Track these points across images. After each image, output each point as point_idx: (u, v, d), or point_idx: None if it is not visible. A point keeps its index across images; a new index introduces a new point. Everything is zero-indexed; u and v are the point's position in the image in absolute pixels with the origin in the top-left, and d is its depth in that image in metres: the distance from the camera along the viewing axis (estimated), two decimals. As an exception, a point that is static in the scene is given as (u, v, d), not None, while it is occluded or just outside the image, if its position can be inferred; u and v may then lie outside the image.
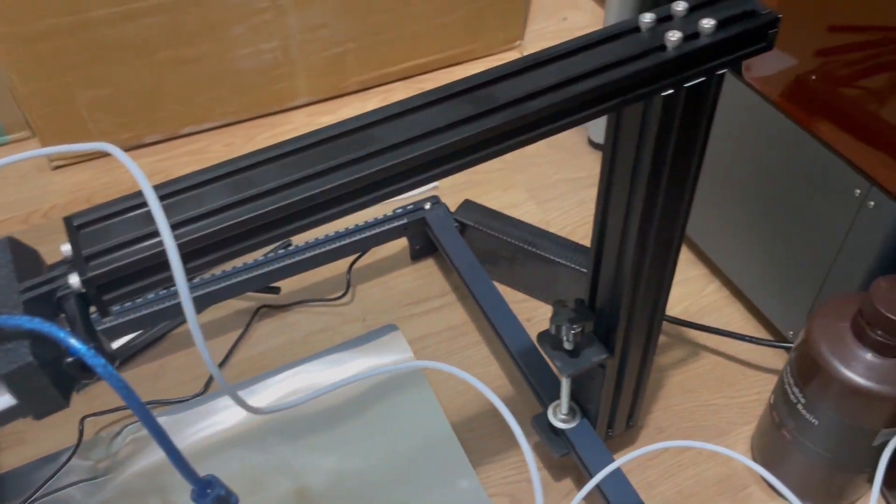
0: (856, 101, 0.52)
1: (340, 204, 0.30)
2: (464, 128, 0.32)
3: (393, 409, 0.65)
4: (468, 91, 0.33)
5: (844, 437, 0.51)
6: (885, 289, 0.48)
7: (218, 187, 0.29)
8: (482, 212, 0.73)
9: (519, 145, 0.34)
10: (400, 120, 0.32)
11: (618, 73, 0.34)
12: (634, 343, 0.51)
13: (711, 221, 0.72)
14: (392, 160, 0.31)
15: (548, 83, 0.34)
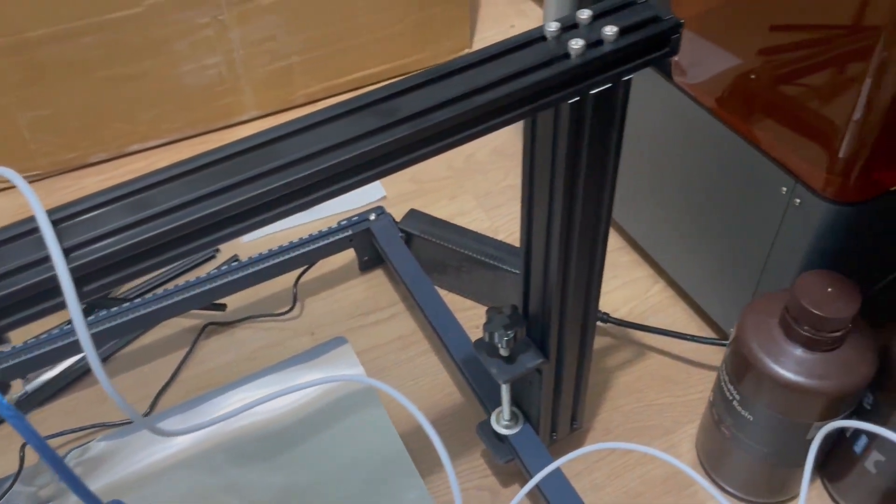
0: (778, 102, 0.53)
1: (242, 220, 0.30)
2: (366, 141, 0.32)
3: (342, 422, 0.65)
4: (372, 104, 0.34)
5: (779, 432, 0.52)
6: (808, 284, 0.49)
7: (117, 208, 0.29)
8: (427, 221, 0.74)
9: (425, 157, 0.34)
10: (304, 135, 0.32)
11: (522, 82, 0.35)
12: (569, 346, 0.52)
13: (654, 223, 0.72)
14: (294, 175, 0.31)
15: (452, 94, 0.34)
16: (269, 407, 0.65)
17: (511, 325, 0.50)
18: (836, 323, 0.47)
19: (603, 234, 0.45)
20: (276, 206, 0.31)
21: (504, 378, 0.51)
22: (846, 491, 0.58)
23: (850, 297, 0.48)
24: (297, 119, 0.33)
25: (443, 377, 0.69)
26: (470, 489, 0.61)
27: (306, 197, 0.32)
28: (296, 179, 0.31)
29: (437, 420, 0.66)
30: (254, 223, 0.31)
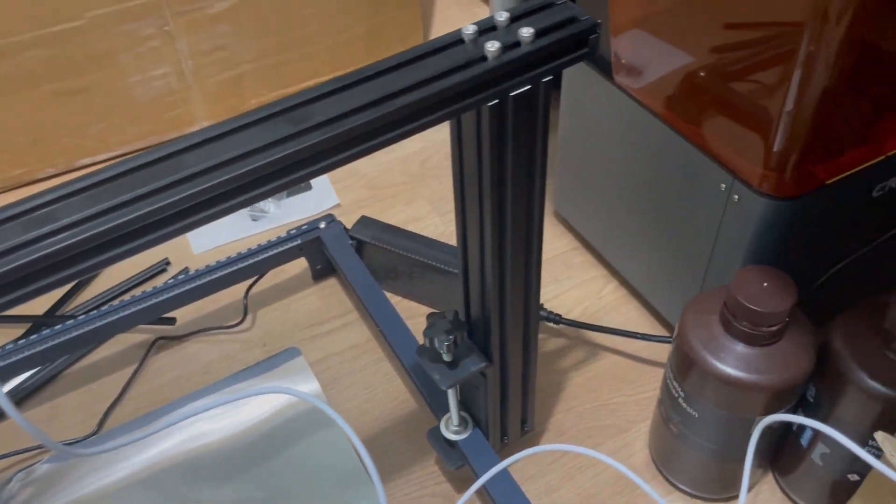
0: (714, 99, 0.54)
1: (147, 234, 0.30)
2: (277, 149, 0.32)
3: (294, 433, 0.65)
4: (284, 112, 0.33)
5: (724, 427, 0.52)
6: (745, 280, 0.49)
7: (13, 226, 0.29)
8: (378, 227, 0.73)
9: (341, 163, 0.34)
10: (212, 145, 0.32)
11: (437, 86, 0.34)
12: (512, 348, 0.51)
13: (605, 224, 0.73)
14: (198, 186, 0.30)
15: (367, 99, 0.34)
16: (223, 425, 0.64)
17: (452, 329, 0.49)
18: (772, 317, 0.48)
19: (537, 234, 0.45)
20: (181, 219, 0.31)
21: (447, 383, 0.50)
22: (796, 484, 0.58)
23: (785, 292, 0.48)
24: (204, 129, 0.32)
25: (396, 384, 0.69)
26: (424, 496, 0.61)
27: (214, 208, 0.31)
28: (200, 191, 0.30)
29: (391, 427, 0.65)
30: (158, 236, 0.30)
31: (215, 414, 0.65)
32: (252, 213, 0.83)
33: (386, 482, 0.62)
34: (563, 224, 0.81)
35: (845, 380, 0.49)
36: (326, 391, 0.68)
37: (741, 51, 0.50)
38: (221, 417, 0.65)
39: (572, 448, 0.48)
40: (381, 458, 0.63)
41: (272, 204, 0.83)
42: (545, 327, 0.72)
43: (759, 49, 0.49)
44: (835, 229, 0.57)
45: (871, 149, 0.54)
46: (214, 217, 0.31)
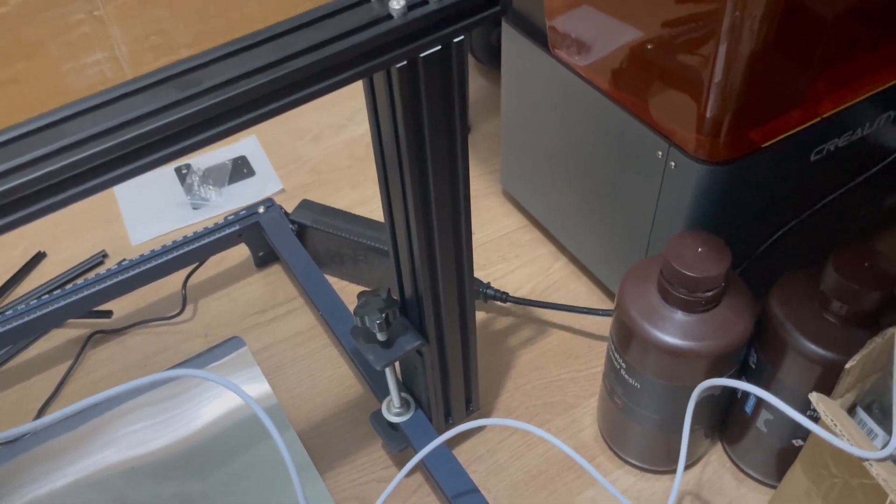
0: (646, 68, 0.53)
1: (17, 210, 0.28)
2: (163, 115, 0.30)
3: (235, 425, 0.63)
4: (175, 77, 0.31)
5: (666, 398, 0.52)
6: (680, 246, 0.48)
7: None
8: (320, 210, 0.71)
9: (237, 128, 0.32)
10: (95, 112, 0.30)
11: (339, 46, 0.33)
12: (449, 326, 0.50)
13: (551, 200, 0.72)
14: (78, 155, 0.28)
15: (262, 62, 0.32)
16: (170, 428, 0.62)
17: (384, 307, 0.48)
18: (707, 282, 0.47)
19: (464, 206, 0.44)
20: (62, 190, 0.29)
21: (381, 363, 0.49)
22: (744, 453, 0.58)
23: (720, 256, 0.47)
24: (87, 97, 0.30)
25: (342, 370, 0.67)
26: (371, 481, 0.60)
27: (97, 178, 0.29)
28: (81, 159, 0.28)
29: (337, 413, 0.64)
30: (32, 212, 0.28)
31: (160, 414, 0.63)
32: (193, 201, 0.80)
33: (332, 468, 0.60)
34: (511, 202, 0.80)
35: (785, 344, 0.48)
36: (271, 379, 0.66)
37: (672, 20, 0.49)
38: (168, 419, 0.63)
39: (510, 423, 0.47)
40: (327, 444, 0.62)
41: (213, 192, 0.81)
42: (493, 306, 0.71)
43: (689, 18, 0.48)
44: (774, 194, 0.57)
45: (806, 111, 0.54)
46: (99, 188, 0.30)
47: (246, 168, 0.84)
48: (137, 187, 0.83)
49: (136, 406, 0.63)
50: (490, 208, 0.80)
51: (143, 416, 0.62)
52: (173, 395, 0.64)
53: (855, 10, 0.50)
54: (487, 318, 0.70)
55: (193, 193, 0.81)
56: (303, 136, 0.89)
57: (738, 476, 0.59)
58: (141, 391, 0.65)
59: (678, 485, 0.47)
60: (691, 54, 0.48)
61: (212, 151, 0.86)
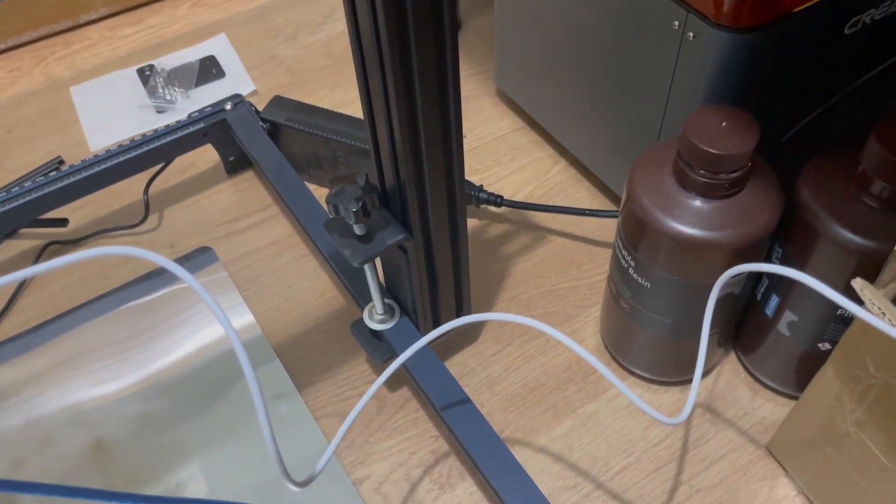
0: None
1: None
2: None
3: (206, 338, 0.57)
4: None
5: (680, 298, 0.46)
6: (701, 121, 0.42)
7: None
8: (294, 107, 0.65)
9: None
10: None
11: None
12: (437, 220, 0.44)
13: (551, 98, 0.65)
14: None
15: None
16: (135, 358, 0.57)
17: (361, 195, 0.42)
18: (733, 161, 0.41)
19: (452, 79, 0.37)
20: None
21: (359, 259, 0.43)
22: (761, 360, 0.53)
23: (746, 131, 0.41)
24: None
25: (322, 281, 0.61)
26: (353, 396, 0.55)
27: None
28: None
29: (317, 326, 0.58)
30: None
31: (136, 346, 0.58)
32: (156, 104, 0.73)
33: (312, 384, 0.55)
34: (506, 102, 0.73)
35: (815, 233, 0.43)
36: (244, 292, 0.60)
37: None
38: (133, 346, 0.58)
39: (505, 317, 0.42)
40: (307, 359, 0.57)
41: (179, 94, 0.74)
42: (486, 212, 0.65)
43: None
44: (803, 71, 0.50)
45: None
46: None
47: (215, 69, 0.76)
48: (96, 90, 0.75)
49: (102, 336, 0.58)
50: (483, 109, 0.73)
51: (109, 354, 0.57)
52: (143, 329, 0.59)
53: None
54: (480, 224, 0.64)
55: (157, 96, 0.74)
56: (276, 35, 0.81)
57: (754, 386, 0.54)
58: (105, 308, 0.60)
59: (695, 394, 0.42)
60: None
61: (178, 51, 0.78)
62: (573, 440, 0.52)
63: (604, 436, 0.52)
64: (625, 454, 0.51)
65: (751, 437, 0.51)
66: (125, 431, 0.53)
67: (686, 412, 0.40)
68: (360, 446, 0.52)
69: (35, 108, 0.75)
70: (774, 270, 0.38)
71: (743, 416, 0.52)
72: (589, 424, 0.52)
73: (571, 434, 0.52)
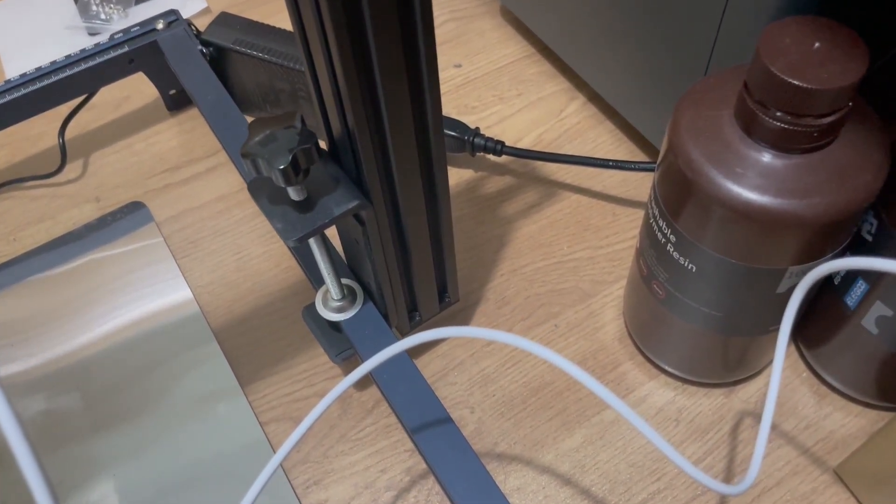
0: None
1: None
2: None
3: (132, 313, 0.46)
4: None
5: (737, 287, 0.34)
6: (780, 38, 0.29)
7: None
8: (245, 27, 0.51)
9: None
10: None
11: None
12: (405, 180, 0.32)
13: (567, 16, 0.51)
14: None
15: None
16: (42, 342, 0.46)
17: (295, 145, 0.30)
18: (828, 98, 0.28)
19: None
20: None
21: (293, 236, 0.31)
22: (833, 359, 0.41)
23: (850, 55, 0.28)
24: None
25: (278, 246, 0.50)
26: (309, 396, 0.43)
27: None
28: None
29: (270, 305, 0.47)
30: None
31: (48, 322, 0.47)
32: (89, 24, 0.60)
33: (261, 378, 0.44)
34: (513, 23, 0.60)
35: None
36: (182, 260, 0.49)
37: None
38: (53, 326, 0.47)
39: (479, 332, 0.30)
40: (255, 346, 0.45)
41: (115, 11, 0.61)
42: (483, 161, 0.52)
43: None
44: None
45: None
46: None
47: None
48: (18, 7, 0.62)
49: (7, 310, 0.47)
50: (484, 32, 0.60)
51: (8, 333, 0.46)
52: (59, 303, 0.47)
53: None
54: (476, 177, 0.52)
55: (90, 14, 0.61)
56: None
57: (819, 390, 0.42)
58: (10, 279, 0.48)
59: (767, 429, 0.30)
60: None
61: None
62: (587, 457, 0.41)
63: (626, 452, 0.41)
64: (653, 477, 0.40)
65: (815, 457, 0.40)
66: (46, 423, 0.42)
67: (751, 477, 0.28)
68: (316, 461, 0.41)
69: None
70: (890, 268, 0.25)
71: (805, 428, 0.41)
72: (607, 437, 0.41)
73: (585, 449, 0.41)
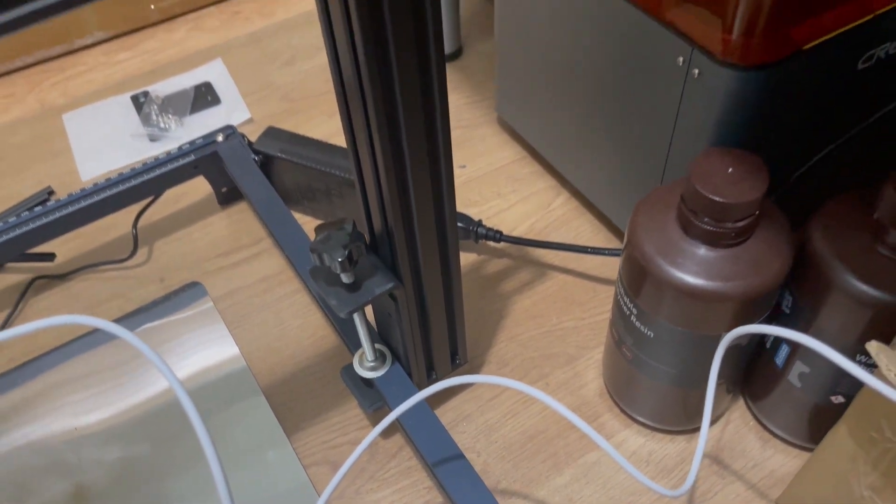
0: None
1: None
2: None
3: (187, 373, 0.56)
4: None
5: (685, 348, 0.44)
6: (707, 165, 0.40)
7: None
8: (288, 138, 0.63)
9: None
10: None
11: None
12: (428, 266, 0.42)
13: (553, 128, 0.63)
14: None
15: None
16: (117, 394, 0.55)
17: (348, 242, 0.40)
18: (740, 209, 0.39)
19: (440, 112, 0.35)
20: None
21: (345, 310, 0.41)
22: (771, 410, 0.50)
23: (755, 177, 0.39)
24: None
25: (314, 319, 0.59)
26: (344, 444, 0.52)
27: None
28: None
29: (307, 368, 0.56)
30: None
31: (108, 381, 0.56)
32: (150, 131, 0.72)
33: (301, 429, 0.53)
34: (508, 131, 0.71)
35: (828, 283, 0.40)
36: (233, 329, 0.58)
37: None
38: (117, 385, 0.56)
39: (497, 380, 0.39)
40: (295, 402, 0.54)
41: (173, 121, 0.72)
42: (485, 247, 0.63)
43: None
44: (816, 108, 0.48)
45: (856, 7, 0.44)
46: None
47: (210, 95, 0.75)
48: (89, 117, 0.74)
49: (83, 368, 0.56)
50: (484, 138, 0.71)
51: (91, 384, 0.55)
52: (124, 360, 0.57)
53: None
54: (479, 260, 0.62)
55: (151, 124, 0.72)
56: (274, 60, 0.80)
57: (763, 435, 0.51)
58: (90, 344, 0.58)
59: (702, 447, 0.39)
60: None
61: (173, 77, 0.77)
62: (573, 492, 0.49)
63: (605, 488, 0.49)
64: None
65: (760, 491, 0.49)
66: (106, 479, 0.51)
67: (689, 482, 0.37)
68: (349, 497, 0.50)
69: (27, 135, 0.74)
70: (783, 334, 0.35)
71: (752, 467, 0.50)
72: (590, 475, 0.50)
73: (571, 486, 0.50)
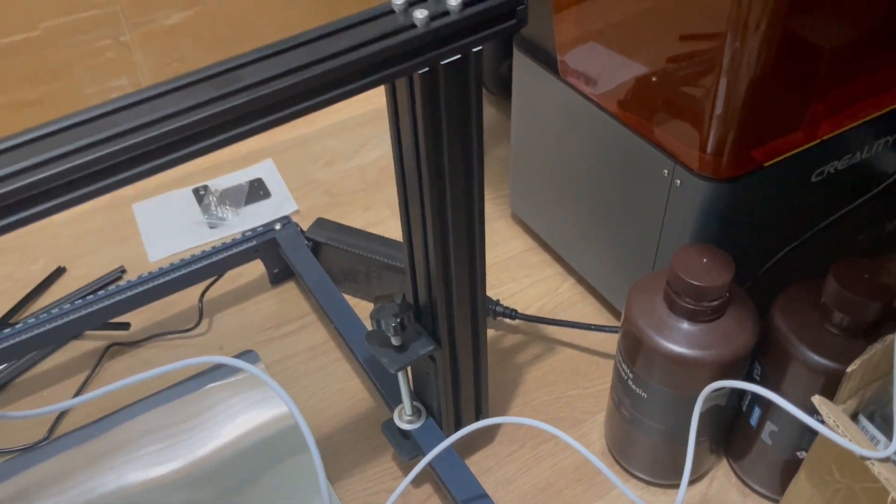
0: (655, 93, 0.55)
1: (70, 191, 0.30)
2: (199, 110, 0.32)
3: (245, 428, 0.64)
4: (214, 76, 0.34)
5: (672, 406, 0.53)
6: (685, 257, 0.50)
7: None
8: (334, 228, 0.73)
9: (268, 126, 0.34)
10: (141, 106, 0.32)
11: (365, 51, 0.35)
12: (461, 332, 0.52)
13: (559, 222, 0.74)
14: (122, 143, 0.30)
15: (294, 64, 0.34)
16: (184, 448, 0.63)
17: (399, 312, 0.50)
18: (713, 291, 0.48)
19: (478, 214, 0.46)
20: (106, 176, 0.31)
21: (395, 366, 0.50)
22: (749, 468, 0.58)
23: (724, 267, 0.49)
24: (135, 92, 0.33)
25: (353, 383, 0.68)
26: (381, 492, 0.60)
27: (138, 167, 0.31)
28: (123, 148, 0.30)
29: (347, 425, 0.65)
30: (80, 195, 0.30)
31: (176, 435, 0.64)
32: (210, 220, 0.83)
33: (342, 479, 0.61)
34: (520, 225, 0.82)
35: (788, 354, 0.50)
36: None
37: (675, 55, 0.52)
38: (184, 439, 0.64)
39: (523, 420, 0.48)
40: (337, 455, 0.63)
41: (230, 212, 0.83)
42: (502, 324, 0.72)
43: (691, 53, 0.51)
44: (777, 213, 0.58)
45: (806, 134, 0.56)
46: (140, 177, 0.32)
47: (262, 190, 0.86)
48: (156, 207, 0.85)
49: (153, 424, 0.65)
50: (499, 231, 0.82)
51: (158, 438, 0.63)
52: (190, 416, 0.65)
53: (851, 40, 0.52)
54: (497, 335, 0.71)
55: (210, 213, 0.83)
56: (316, 161, 0.91)
57: (744, 491, 0.59)
58: (158, 402, 0.66)
59: (682, 496, 0.48)
60: (695, 85, 0.51)
61: (229, 174, 0.89)
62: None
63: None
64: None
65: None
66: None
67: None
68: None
69: (100, 221, 0.84)
70: (746, 387, 0.44)
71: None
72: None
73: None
